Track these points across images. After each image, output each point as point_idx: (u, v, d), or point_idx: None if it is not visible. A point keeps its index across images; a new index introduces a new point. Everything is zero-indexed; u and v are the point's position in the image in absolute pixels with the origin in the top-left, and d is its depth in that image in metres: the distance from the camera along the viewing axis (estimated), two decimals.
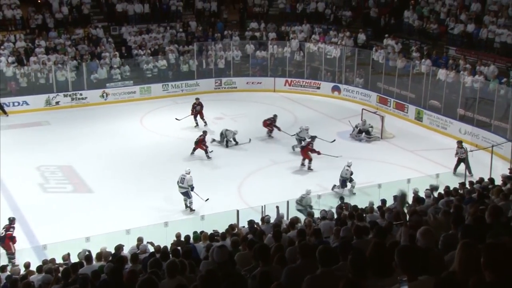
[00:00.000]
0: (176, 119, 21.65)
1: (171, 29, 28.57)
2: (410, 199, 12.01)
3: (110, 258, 9.78)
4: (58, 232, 13.54)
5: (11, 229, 12.65)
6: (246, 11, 30.98)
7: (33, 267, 10.55)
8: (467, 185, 12.67)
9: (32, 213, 14.98)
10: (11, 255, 12.35)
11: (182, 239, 10.68)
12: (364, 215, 10.81)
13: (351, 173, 16.14)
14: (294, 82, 27.20)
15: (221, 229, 11.35)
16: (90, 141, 20.17)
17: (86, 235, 12.17)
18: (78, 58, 25.35)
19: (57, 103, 24.00)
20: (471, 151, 16.70)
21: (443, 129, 21.25)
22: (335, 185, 16.24)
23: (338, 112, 23.63)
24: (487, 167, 16.30)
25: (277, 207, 13.13)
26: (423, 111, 22.20)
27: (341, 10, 29.33)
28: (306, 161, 17.88)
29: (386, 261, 4.31)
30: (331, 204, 13.96)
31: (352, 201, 14.36)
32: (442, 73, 21.95)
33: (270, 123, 20.72)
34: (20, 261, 11.76)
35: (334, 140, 19.79)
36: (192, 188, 15.06)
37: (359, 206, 12.09)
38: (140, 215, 14.61)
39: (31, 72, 24.28)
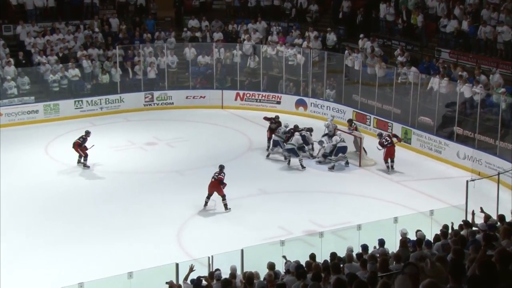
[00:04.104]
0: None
1: (85, 28, 28.39)
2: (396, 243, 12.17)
3: None
4: None
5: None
6: (183, 5, 31.15)
7: None
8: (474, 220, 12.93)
9: None
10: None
11: None
12: (341, 265, 10.84)
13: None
14: (248, 95, 27.39)
15: None
16: None
17: None
18: None
19: None
20: (472, 180, 17.03)
21: (437, 153, 21.72)
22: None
23: None
24: (493, 200, 16.63)
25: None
26: (411, 130, 22.66)
27: (306, 4, 29.85)
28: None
29: None
30: (299, 251, 13.95)
31: (325, 247, 14.40)
32: (435, 82, 22.49)
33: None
34: None
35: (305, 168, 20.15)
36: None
37: (334, 254, 12.11)
38: (48, 274, 14.28)
39: None
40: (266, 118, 22.41)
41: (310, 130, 21.68)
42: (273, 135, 21.58)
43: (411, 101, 22.95)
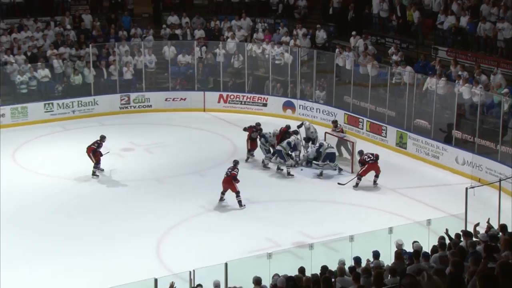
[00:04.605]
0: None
1: (56, 25, 28.31)
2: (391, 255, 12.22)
3: None
4: None
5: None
6: (162, 0, 31.12)
7: None
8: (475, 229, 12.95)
9: None
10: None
11: None
12: (333, 279, 10.85)
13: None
14: (232, 97, 27.42)
15: None
16: None
17: None
18: None
19: None
20: (472, 187, 17.09)
21: (434, 159, 21.81)
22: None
23: None
24: (494, 208, 16.70)
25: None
26: (406, 134, 22.75)
27: None
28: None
29: None
30: (287, 264, 13.93)
31: (315, 260, 14.40)
32: (432, 82, 22.56)
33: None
34: None
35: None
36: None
37: (325, 267, 12.11)
38: None
39: None
40: (246, 129, 21.97)
41: (296, 132, 21.68)
42: (259, 144, 21.49)
43: (407, 102, 23.04)
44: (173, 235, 17.09)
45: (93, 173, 20.29)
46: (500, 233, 12.30)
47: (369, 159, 19.75)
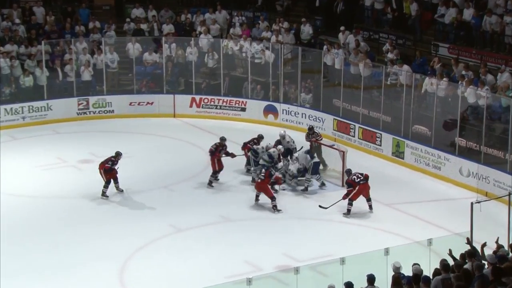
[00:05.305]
0: None
1: (3, 19, 28.20)
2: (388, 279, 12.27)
3: None
4: None
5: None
6: None
7: None
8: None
9: None
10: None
11: None
12: None
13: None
14: (206, 101, 27.45)
15: None
16: None
17: None
18: None
19: None
20: (477, 202, 17.16)
21: (436, 170, 21.89)
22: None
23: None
24: (502, 226, 16.82)
25: None
26: (404, 142, 22.82)
27: None
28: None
29: None
30: None
31: (302, 286, 14.44)
32: (432, 83, 22.62)
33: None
34: None
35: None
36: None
37: None
38: None
39: None
40: (213, 151, 21.21)
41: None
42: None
43: (404, 106, 23.13)
44: (139, 260, 16.94)
45: (103, 193, 20.09)
46: (510, 254, 12.39)
47: (359, 179, 19.17)
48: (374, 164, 22.73)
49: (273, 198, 19.17)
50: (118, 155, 20.33)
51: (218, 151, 21.06)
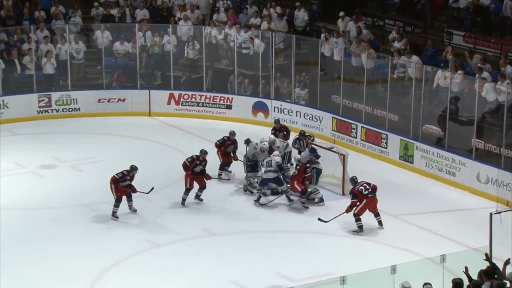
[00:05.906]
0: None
1: None
2: None
3: None
4: None
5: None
6: None
7: None
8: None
9: None
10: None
11: None
12: None
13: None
14: (186, 97, 27.44)
15: None
16: None
17: None
18: None
19: None
20: (497, 212, 17.16)
21: (450, 176, 21.84)
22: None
23: None
24: None
25: None
26: (413, 144, 22.79)
27: None
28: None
29: None
30: None
31: None
32: (446, 76, 22.51)
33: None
34: None
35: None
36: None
37: None
38: None
39: None
40: (218, 145, 21.72)
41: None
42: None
43: (413, 103, 23.15)
44: (110, 279, 16.84)
45: (113, 214, 19.66)
46: None
47: (366, 191, 18.73)
48: (379, 169, 22.83)
49: (303, 192, 19.83)
50: (133, 169, 19.67)
51: (225, 146, 21.51)
